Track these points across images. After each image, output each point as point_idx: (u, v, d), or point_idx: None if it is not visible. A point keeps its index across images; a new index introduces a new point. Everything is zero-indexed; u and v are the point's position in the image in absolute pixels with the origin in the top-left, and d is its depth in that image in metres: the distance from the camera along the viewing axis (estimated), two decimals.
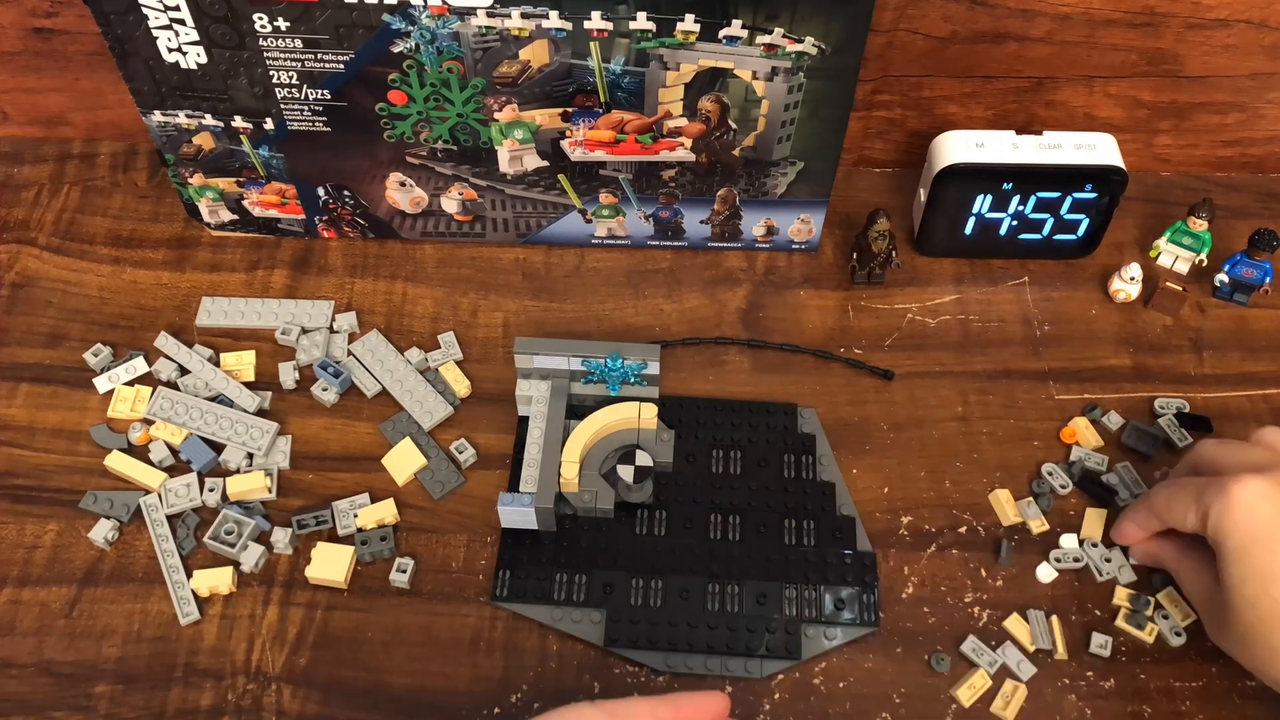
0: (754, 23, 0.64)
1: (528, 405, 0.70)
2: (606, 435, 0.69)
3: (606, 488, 0.67)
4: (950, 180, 0.74)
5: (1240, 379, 0.74)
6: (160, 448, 0.69)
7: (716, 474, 0.69)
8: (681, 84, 0.68)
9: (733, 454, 0.70)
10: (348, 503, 0.67)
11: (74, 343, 0.74)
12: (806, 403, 0.72)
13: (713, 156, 0.73)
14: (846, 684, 0.62)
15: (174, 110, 0.70)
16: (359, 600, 0.64)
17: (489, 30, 0.65)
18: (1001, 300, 0.78)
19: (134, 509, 0.67)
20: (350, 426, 0.71)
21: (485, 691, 0.62)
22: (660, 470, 0.68)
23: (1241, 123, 0.82)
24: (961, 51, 0.77)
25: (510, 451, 0.70)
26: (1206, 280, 0.79)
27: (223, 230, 0.80)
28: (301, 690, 0.61)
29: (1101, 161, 0.73)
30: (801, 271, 0.79)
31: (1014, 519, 0.67)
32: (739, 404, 0.72)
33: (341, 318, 0.75)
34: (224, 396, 0.71)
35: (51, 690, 0.61)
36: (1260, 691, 0.62)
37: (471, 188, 0.76)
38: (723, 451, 0.70)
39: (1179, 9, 0.74)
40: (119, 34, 0.66)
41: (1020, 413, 0.72)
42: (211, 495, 0.67)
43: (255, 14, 0.64)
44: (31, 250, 0.79)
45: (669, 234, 0.79)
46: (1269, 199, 0.84)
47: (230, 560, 0.65)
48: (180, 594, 0.64)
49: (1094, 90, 0.79)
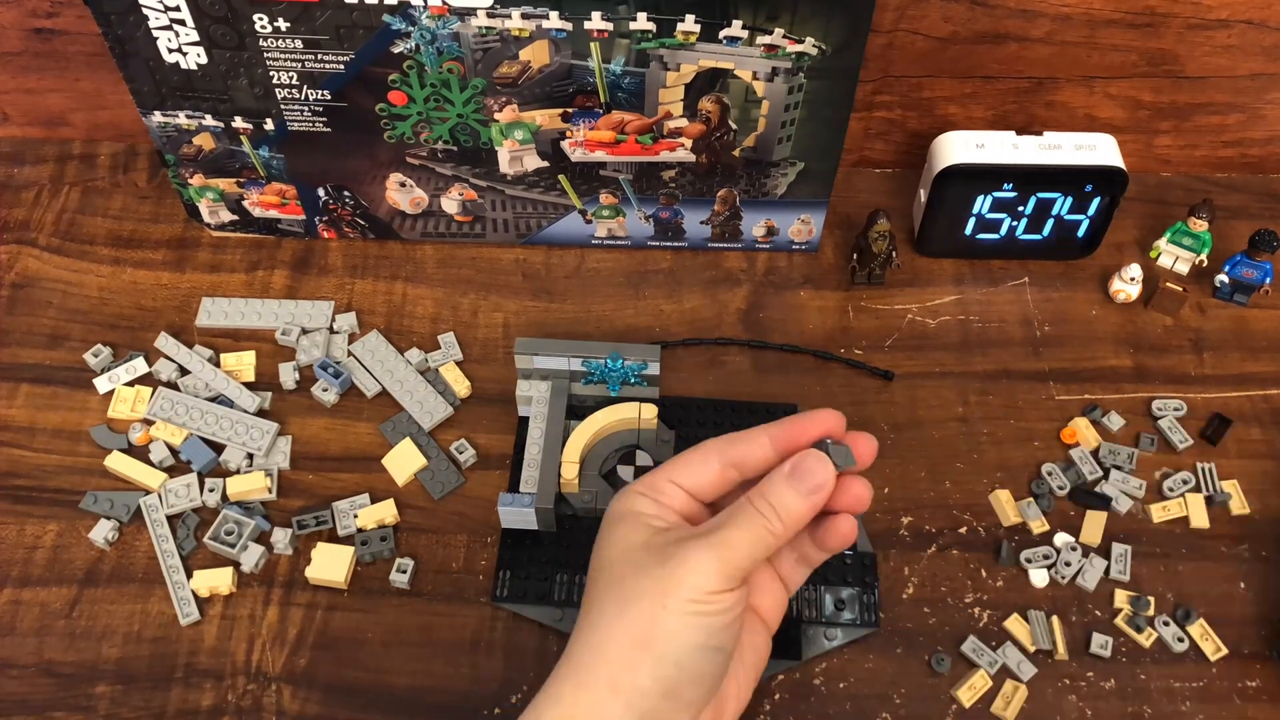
0: (754, 23, 0.64)
1: (528, 406, 0.70)
2: (607, 435, 0.69)
3: (607, 488, 0.67)
4: (950, 181, 0.74)
5: (1240, 379, 0.74)
6: (160, 448, 0.69)
7: None
8: (682, 84, 0.68)
9: None
10: (348, 503, 0.67)
11: (74, 343, 0.74)
12: (807, 403, 0.72)
13: (713, 157, 0.73)
14: (847, 684, 0.62)
15: (174, 111, 0.70)
16: (359, 600, 0.64)
17: (489, 31, 0.65)
18: (1001, 301, 0.78)
19: (134, 509, 0.67)
20: (350, 427, 0.71)
21: (485, 692, 0.62)
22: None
23: (1241, 123, 0.82)
24: (962, 52, 0.77)
25: (510, 452, 0.70)
26: (1207, 281, 0.79)
27: (223, 231, 0.80)
28: (302, 690, 0.61)
29: (1102, 162, 0.73)
30: (802, 272, 0.79)
31: (1014, 519, 0.67)
32: (739, 404, 0.72)
33: (341, 318, 0.75)
34: (224, 397, 0.71)
35: (51, 690, 0.61)
36: (1260, 692, 0.62)
37: (471, 188, 0.76)
38: None
39: (1179, 9, 0.74)
40: (119, 34, 0.66)
41: (1020, 413, 0.72)
42: (212, 495, 0.67)
43: (255, 14, 0.64)
44: (32, 251, 0.79)
45: (669, 234, 0.79)
46: (1269, 199, 0.84)
47: (230, 560, 0.65)
48: (180, 594, 0.64)
49: (1094, 91, 0.79)
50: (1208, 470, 0.70)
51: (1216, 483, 0.69)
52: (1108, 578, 0.65)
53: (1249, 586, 0.66)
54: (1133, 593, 0.64)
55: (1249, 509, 0.68)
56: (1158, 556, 0.67)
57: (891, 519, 0.68)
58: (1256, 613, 0.65)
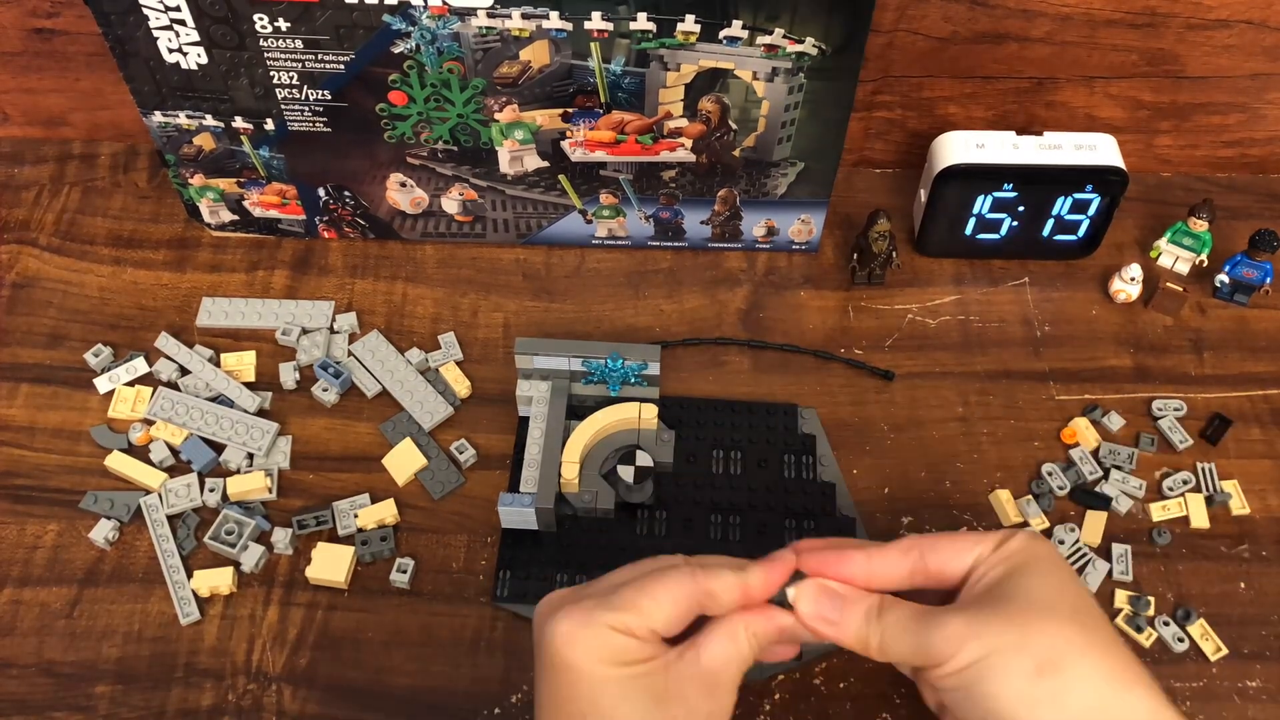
0: (754, 23, 0.64)
1: (528, 406, 0.70)
2: (607, 435, 0.69)
3: (607, 488, 0.67)
4: (951, 181, 0.74)
5: (1240, 379, 0.74)
6: (161, 448, 0.69)
7: (717, 474, 0.69)
8: (682, 84, 0.68)
9: (733, 454, 0.70)
10: (348, 503, 0.67)
11: (74, 343, 0.74)
12: (807, 403, 0.72)
13: (713, 157, 0.73)
14: (847, 684, 0.62)
15: (174, 111, 0.70)
16: (359, 600, 0.64)
17: (489, 31, 0.65)
18: (1002, 301, 0.78)
19: (134, 509, 0.67)
20: (350, 427, 0.71)
21: (485, 692, 0.62)
22: (661, 470, 0.68)
23: (1242, 123, 0.82)
24: (962, 52, 0.77)
25: (510, 451, 0.70)
26: (1207, 281, 0.79)
27: (223, 231, 0.80)
28: (302, 690, 0.61)
29: (1102, 162, 0.73)
30: (802, 272, 0.79)
31: (1014, 519, 0.67)
32: (739, 404, 0.72)
33: (342, 318, 0.75)
34: (224, 397, 0.71)
35: (51, 690, 0.61)
36: (1260, 692, 0.62)
37: (472, 188, 0.76)
38: (723, 452, 0.70)
39: (1179, 9, 0.74)
40: (119, 34, 0.66)
41: (1020, 413, 0.72)
42: (212, 495, 0.67)
43: (255, 14, 0.64)
44: (32, 251, 0.79)
45: (669, 234, 0.79)
46: (1269, 199, 0.84)
47: (230, 560, 0.65)
48: (181, 594, 0.64)
49: (1094, 91, 0.79)
50: (1208, 470, 0.70)
51: (1216, 483, 0.69)
52: (1110, 579, 0.65)
53: (1249, 586, 0.66)
54: (1133, 592, 0.65)
55: (1249, 509, 0.68)
56: (1158, 556, 0.67)
57: (892, 519, 0.68)
58: (1256, 613, 0.65)
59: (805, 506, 0.68)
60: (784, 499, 0.68)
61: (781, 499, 0.68)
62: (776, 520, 0.67)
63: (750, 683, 0.62)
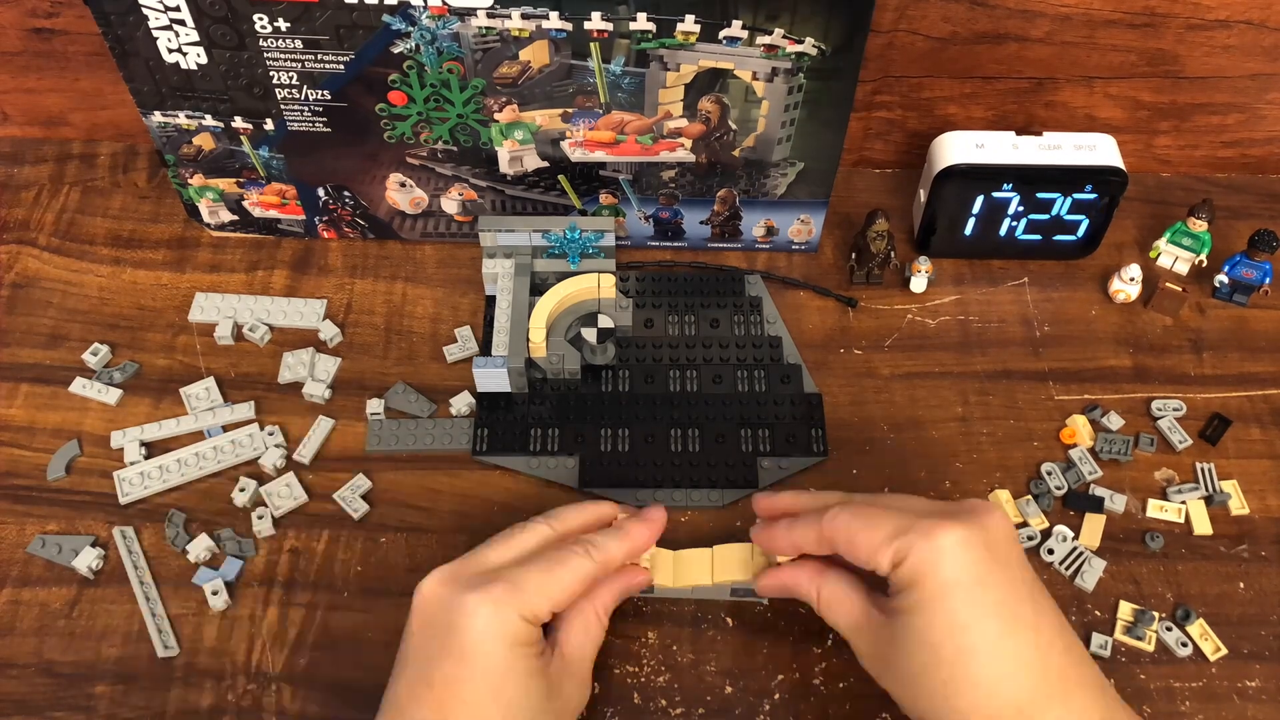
0: (754, 23, 0.64)
1: (494, 283, 0.74)
2: (570, 305, 0.74)
3: (573, 351, 0.72)
4: (950, 181, 0.74)
5: (1240, 379, 0.74)
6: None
7: (672, 335, 0.75)
8: (681, 84, 0.68)
9: (687, 317, 0.76)
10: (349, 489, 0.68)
11: (74, 343, 0.74)
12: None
13: (713, 157, 0.73)
14: (847, 684, 0.62)
15: (174, 111, 0.70)
16: (359, 600, 0.64)
17: (489, 31, 0.65)
18: (1001, 300, 0.78)
19: (89, 546, 0.65)
20: (350, 427, 0.71)
21: None
22: (621, 334, 0.73)
23: (1241, 123, 0.82)
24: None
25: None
26: (1206, 281, 0.79)
27: (223, 231, 0.80)
28: (302, 690, 0.61)
29: (1101, 162, 0.73)
30: (801, 272, 0.79)
31: (1014, 519, 0.67)
32: (691, 276, 0.78)
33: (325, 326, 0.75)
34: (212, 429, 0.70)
35: (51, 690, 0.61)
36: (1260, 692, 0.62)
37: (471, 188, 0.76)
38: (677, 316, 0.76)
39: (1179, 9, 0.74)
40: (119, 34, 0.66)
41: (1020, 413, 0.72)
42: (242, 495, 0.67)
43: (255, 14, 0.64)
44: (31, 251, 0.79)
45: (669, 234, 0.79)
46: (1269, 200, 0.84)
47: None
48: (161, 626, 0.63)
49: (1094, 91, 0.79)
50: (1207, 470, 0.70)
51: (1216, 483, 0.69)
52: (1111, 582, 0.65)
53: (1248, 586, 0.66)
54: (1138, 606, 0.64)
55: (1249, 509, 0.68)
56: (1158, 556, 0.67)
57: None
58: (1256, 613, 0.65)
59: (755, 358, 0.74)
60: (735, 352, 0.74)
61: (733, 352, 0.74)
62: (730, 371, 0.73)
63: (750, 678, 0.62)
